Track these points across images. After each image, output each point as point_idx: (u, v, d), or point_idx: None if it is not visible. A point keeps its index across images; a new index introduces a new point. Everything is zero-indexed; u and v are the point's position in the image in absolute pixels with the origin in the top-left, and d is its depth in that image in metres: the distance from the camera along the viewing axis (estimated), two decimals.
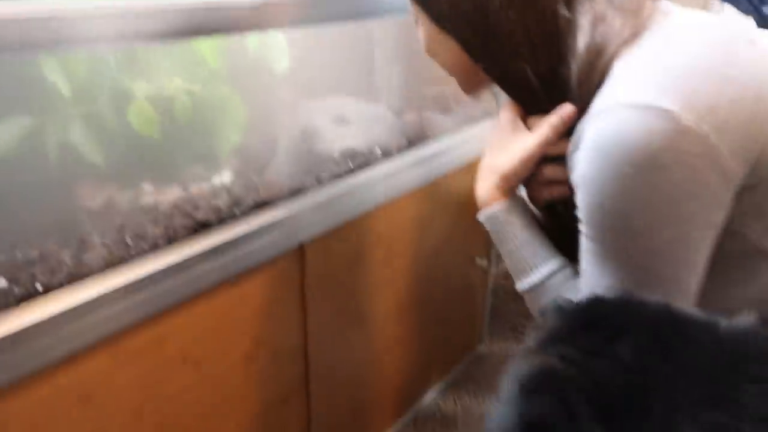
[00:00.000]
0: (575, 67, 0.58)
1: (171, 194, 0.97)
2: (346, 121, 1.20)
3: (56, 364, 0.70)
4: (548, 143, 0.63)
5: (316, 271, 1.04)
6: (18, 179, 0.87)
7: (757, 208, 0.55)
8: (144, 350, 0.80)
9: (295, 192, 1.00)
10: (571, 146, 0.59)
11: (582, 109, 0.58)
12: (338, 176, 1.07)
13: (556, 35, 0.59)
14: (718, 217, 0.54)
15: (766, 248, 0.56)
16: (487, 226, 0.70)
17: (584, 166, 0.55)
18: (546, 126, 0.62)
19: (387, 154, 1.18)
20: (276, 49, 1.04)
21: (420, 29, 0.70)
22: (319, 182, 1.04)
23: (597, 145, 0.53)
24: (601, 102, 0.55)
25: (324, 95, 1.22)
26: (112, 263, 0.76)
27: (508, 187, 0.67)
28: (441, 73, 0.74)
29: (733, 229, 0.55)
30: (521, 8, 0.59)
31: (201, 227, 0.87)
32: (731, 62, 0.53)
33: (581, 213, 0.57)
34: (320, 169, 1.07)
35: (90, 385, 0.75)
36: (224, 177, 1.02)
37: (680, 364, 0.34)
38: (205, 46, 0.98)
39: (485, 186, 0.69)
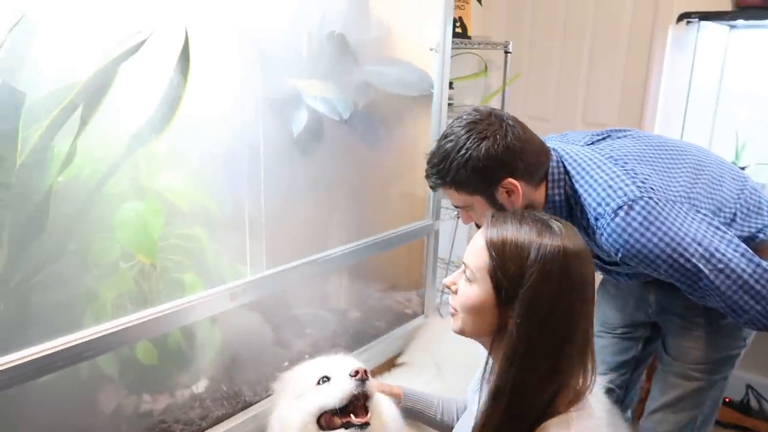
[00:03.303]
0: None
1: (162, 402, 1.38)
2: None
3: None
4: None
5: None
6: (59, 392, 1.28)
7: None
8: None
9: (247, 405, 1.41)
10: None
11: None
12: None
13: None
14: None
15: None
16: None
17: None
18: None
19: None
20: None
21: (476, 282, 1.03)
22: (268, 393, 1.45)
23: None
24: None
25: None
26: None
27: None
28: None
29: None
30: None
31: None
32: None
33: None
34: (268, 381, 1.48)
35: None
36: (200, 386, 1.44)
37: None
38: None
39: None
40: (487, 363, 1.10)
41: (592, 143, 1.52)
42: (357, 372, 1.19)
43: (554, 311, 0.97)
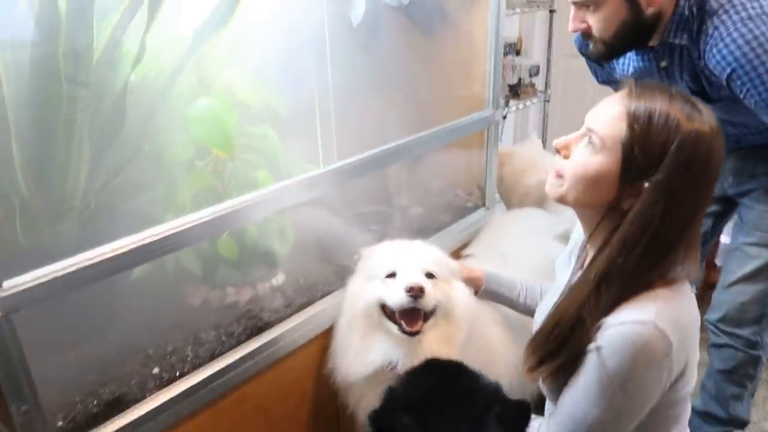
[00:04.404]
0: None
1: (245, 294, 1.44)
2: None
3: (186, 418, 1.18)
4: None
5: None
6: (149, 289, 1.35)
7: None
8: (233, 406, 1.27)
9: (327, 293, 1.46)
10: None
11: None
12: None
13: None
14: None
15: None
16: None
17: None
18: None
19: None
20: None
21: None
22: (342, 279, 1.50)
23: None
24: None
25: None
26: (214, 355, 1.24)
27: None
28: None
29: None
30: None
31: (265, 325, 1.34)
32: None
33: None
34: (344, 272, 1.52)
35: (202, 430, 1.22)
36: (279, 279, 1.49)
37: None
38: None
39: None
40: (592, 234, 1.05)
41: None
42: (411, 289, 1.20)
43: (684, 201, 0.93)
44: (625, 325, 0.93)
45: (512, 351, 1.49)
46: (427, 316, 1.26)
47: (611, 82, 1.68)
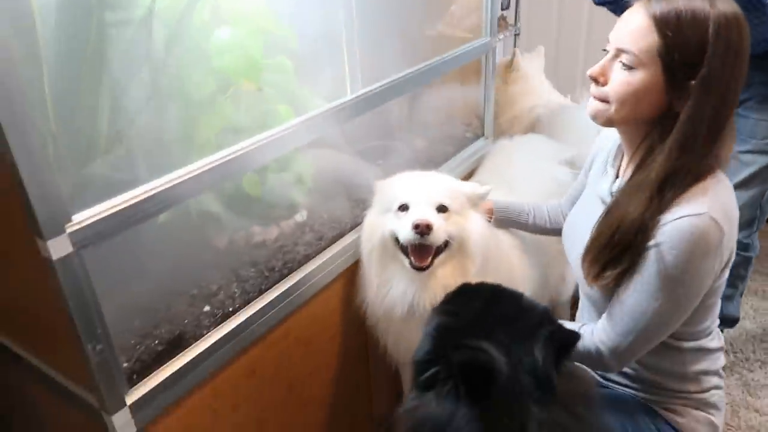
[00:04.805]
0: None
1: (272, 233, 1.42)
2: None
3: (239, 353, 1.17)
4: None
5: None
6: (176, 233, 1.30)
7: None
8: (278, 340, 1.27)
9: (354, 225, 1.46)
10: None
11: None
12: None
13: None
14: None
15: None
16: None
17: None
18: None
19: None
20: None
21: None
22: (364, 209, 1.50)
23: None
24: None
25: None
26: (261, 290, 1.22)
27: None
28: None
29: None
30: None
31: (304, 258, 1.33)
32: None
33: None
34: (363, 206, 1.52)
35: (253, 364, 1.22)
36: (303, 215, 1.47)
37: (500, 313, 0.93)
38: None
39: None
40: (637, 148, 1.07)
41: None
42: (417, 226, 1.19)
43: (730, 86, 0.95)
44: (682, 219, 0.98)
45: (529, 273, 1.56)
46: (439, 250, 1.25)
47: (606, 2, 1.71)
